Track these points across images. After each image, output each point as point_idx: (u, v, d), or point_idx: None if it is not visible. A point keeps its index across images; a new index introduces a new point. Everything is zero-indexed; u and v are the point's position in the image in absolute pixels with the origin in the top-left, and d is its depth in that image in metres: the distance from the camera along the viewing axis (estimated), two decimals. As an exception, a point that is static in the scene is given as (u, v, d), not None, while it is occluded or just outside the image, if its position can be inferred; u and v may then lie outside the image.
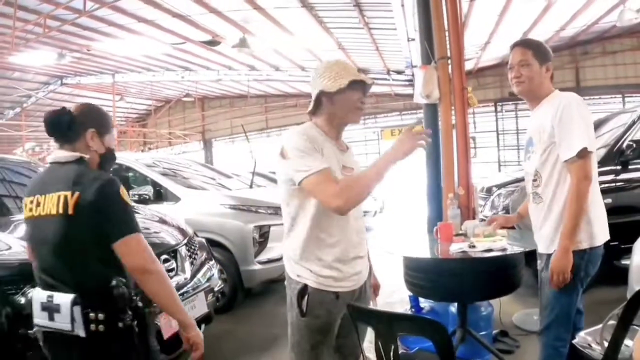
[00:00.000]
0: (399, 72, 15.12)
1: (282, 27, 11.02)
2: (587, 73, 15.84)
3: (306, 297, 2.09)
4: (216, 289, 3.94)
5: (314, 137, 2.11)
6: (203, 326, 3.72)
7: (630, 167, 5.19)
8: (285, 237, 2.21)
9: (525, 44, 2.74)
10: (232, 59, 14.38)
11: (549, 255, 2.58)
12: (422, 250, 3.67)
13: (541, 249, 2.69)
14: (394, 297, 5.29)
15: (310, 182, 1.99)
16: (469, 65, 14.85)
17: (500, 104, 17.03)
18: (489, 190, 6.17)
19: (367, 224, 12.46)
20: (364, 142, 20.63)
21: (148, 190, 5.53)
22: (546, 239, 2.63)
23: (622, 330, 2.12)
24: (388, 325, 1.81)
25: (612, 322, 2.17)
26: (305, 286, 2.10)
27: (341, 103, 2.16)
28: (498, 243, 3.14)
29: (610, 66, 15.48)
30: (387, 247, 3.45)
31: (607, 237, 2.62)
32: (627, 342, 2.13)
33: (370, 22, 10.55)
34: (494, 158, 17.52)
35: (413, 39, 9.82)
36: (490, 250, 3.06)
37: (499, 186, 6.02)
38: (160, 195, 5.68)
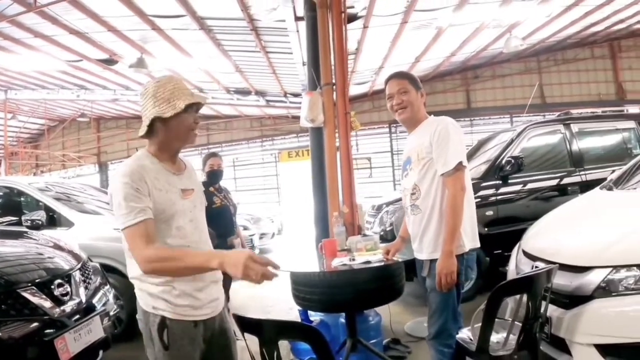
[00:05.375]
0: (296, 95, 15.36)
1: (181, 49, 10.97)
2: (478, 95, 17.07)
3: (166, 330, 2.00)
4: (112, 313, 3.91)
5: (143, 171, 1.99)
6: (101, 352, 3.66)
7: (509, 181, 5.71)
8: (131, 268, 2.05)
9: (400, 75, 3.08)
10: (130, 78, 14.05)
11: (431, 261, 2.84)
12: (309, 265, 3.85)
13: (424, 256, 2.94)
14: (291, 315, 5.44)
15: (126, 234, 1.92)
16: (364, 88, 15.47)
17: (394, 125, 17.65)
18: (379, 208, 6.50)
19: (266, 245, 12.41)
20: (262, 165, 20.63)
21: (41, 216, 5.37)
22: (428, 246, 2.89)
23: (488, 323, 2.45)
24: (270, 332, 1.93)
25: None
26: (164, 318, 2.01)
27: (177, 128, 2.06)
28: (377, 256, 3.43)
29: (499, 89, 16.80)
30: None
31: (478, 244, 2.92)
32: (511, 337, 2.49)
33: (267, 46, 10.75)
34: (390, 177, 18.01)
35: (307, 64, 10.11)
36: (368, 262, 3.33)
37: (388, 204, 6.37)
38: (53, 220, 5.54)
